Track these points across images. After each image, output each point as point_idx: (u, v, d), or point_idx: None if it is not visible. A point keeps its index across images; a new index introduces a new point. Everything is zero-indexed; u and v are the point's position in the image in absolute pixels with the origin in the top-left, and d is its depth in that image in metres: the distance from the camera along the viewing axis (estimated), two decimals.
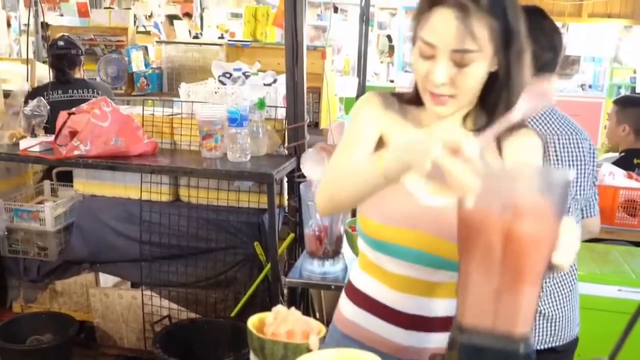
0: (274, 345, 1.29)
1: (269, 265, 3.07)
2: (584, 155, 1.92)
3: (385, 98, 1.50)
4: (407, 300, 1.46)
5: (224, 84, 3.31)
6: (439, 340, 1.46)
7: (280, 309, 1.37)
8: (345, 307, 1.60)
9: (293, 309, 1.37)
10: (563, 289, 1.97)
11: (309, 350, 1.29)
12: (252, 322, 1.36)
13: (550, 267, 1.07)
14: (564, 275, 1.97)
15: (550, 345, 1.96)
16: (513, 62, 1.33)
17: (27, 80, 4.62)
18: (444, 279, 1.44)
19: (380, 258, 1.48)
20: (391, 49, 8.07)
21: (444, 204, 1.14)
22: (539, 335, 1.94)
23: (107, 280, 3.52)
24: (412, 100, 1.46)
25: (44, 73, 4.80)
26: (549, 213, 1.00)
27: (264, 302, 3.13)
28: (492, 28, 1.28)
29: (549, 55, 1.95)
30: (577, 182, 1.92)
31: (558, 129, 1.91)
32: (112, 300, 3.43)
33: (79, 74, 4.33)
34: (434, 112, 1.38)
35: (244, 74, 3.33)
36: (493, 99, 1.37)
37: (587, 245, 2.11)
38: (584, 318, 2.11)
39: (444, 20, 1.27)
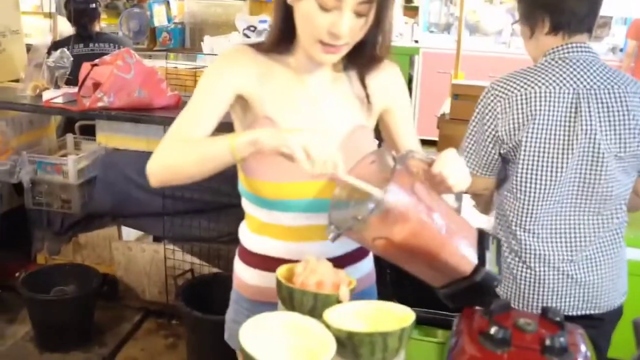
0: (304, 295, 1.26)
1: None
2: (628, 110, 1.80)
3: (246, 53, 1.48)
4: (310, 248, 1.49)
5: (248, 37, 3.26)
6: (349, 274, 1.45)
7: (310, 259, 1.34)
8: (245, 273, 1.62)
9: (323, 259, 1.35)
10: (604, 256, 1.87)
11: (338, 301, 1.26)
12: (281, 271, 1.33)
13: (457, 196, 1.33)
14: (606, 241, 1.88)
15: (584, 312, 1.88)
16: (386, 6, 1.36)
17: (50, 31, 4.58)
18: None
19: (276, 216, 1.50)
20: (414, 9, 7.93)
21: None
22: (571, 301, 1.87)
23: (129, 233, 3.53)
24: (272, 48, 1.47)
25: (65, 27, 4.76)
26: (401, 206, 1.19)
27: None
28: None
29: (586, 9, 1.85)
30: (619, 139, 1.82)
31: (596, 82, 1.82)
32: (135, 253, 3.43)
33: (98, 26, 4.29)
34: (319, 61, 1.41)
35: (269, 27, 3.27)
36: (365, 41, 1.41)
37: None
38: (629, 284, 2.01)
39: None
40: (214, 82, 1.46)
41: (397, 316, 1.22)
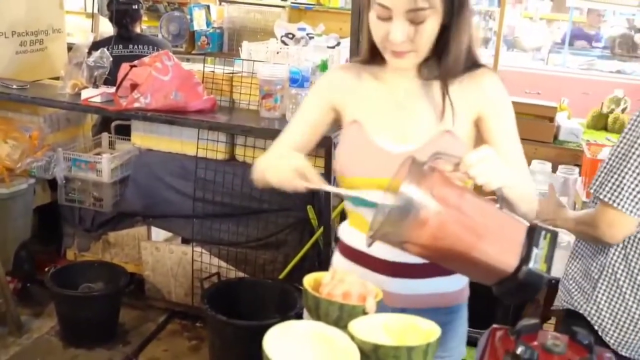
0: (330, 305, 1.26)
1: (320, 230, 3.04)
2: None
3: (342, 69, 1.65)
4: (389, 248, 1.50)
5: (286, 44, 3.27)
6: (421, 287, 1.54)
7: (337, 269, 1.34)
8: (341, 264, 1.64)
9: (351, 270, 1.34)
10: None
11: (365, 313, 1.25)
12: (308, 280, 1.33)
13: (499, 194, 1.28)
14: None
15: None
16: (459, 14, 1.42)
17: (92, 31, 4.65)
18: None
19: (363, 211, 1.54)
20: None
21: None
22: None
23: (158, 234, 3.56)
24: (368, 60, 1.58)
25: (106, 28, 4.83)
26: (418, 209, 1.18)
27: (313, 266, 3.11)
28: None
29: None
30: None
31: None
32: (163, 254, 3.46)
33: (139, 28, 4.34)
34: (393, 66, 1.50)
35: (307, 35, 3.28)
36: (443, 50, 1.46)
37: None
38: None
39: None
40: (309, 103, 1.67)
41: (423, 331, 1.21)
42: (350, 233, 1.62)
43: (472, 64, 1.51)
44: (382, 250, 1.48)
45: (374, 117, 1.54)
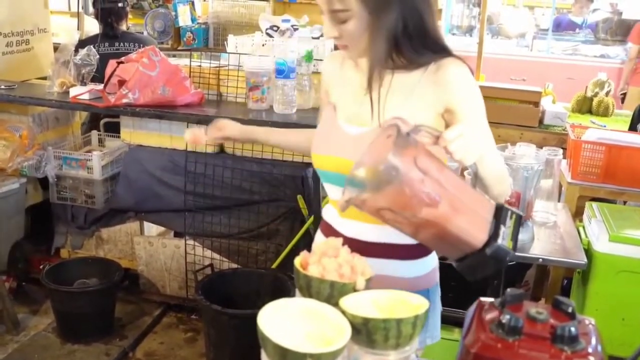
0: (321, 283, 1.29)
1: (311, 219, 3.08)
2: None
3: (330, 57, 1.77)
4: (363, 228, 1.62)
5: (271, 36, 3.30)
6: (378, 267, 1.46)
7: (330, 240, 1.38)
8: (317, 239, 1.81)
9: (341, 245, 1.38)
10: None
11: (355, 290, 1.29)
12: (299, 260, 1.37)
13: (472, 171, 1.35)
14: None
15: None
16: (378, 17, 1.44)
17: (78, 29, 4.66)
18: None
19: (328, 188, 1.68)
20: (437, 11, 7.95)
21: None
22: None
23: (151, 229, 3.59)
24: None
25: (91, 28, 4.85)
26: (402, 179, 1.22)
27: None
28: None
29: None
30: None
31: None
32: (156, 248, 3.49)
33: (125, 26, 4.36)
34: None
35: (292, 26, 3.32)
36: (401, 45, 1.50)
37: None
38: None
39: None
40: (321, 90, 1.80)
41: (412, 305, 1.25)
42: (328, 210, 1.74)
43: (441, 49, 1.51)
44: (344, 227, 1.64)
45: (345, 101, 1.64)
